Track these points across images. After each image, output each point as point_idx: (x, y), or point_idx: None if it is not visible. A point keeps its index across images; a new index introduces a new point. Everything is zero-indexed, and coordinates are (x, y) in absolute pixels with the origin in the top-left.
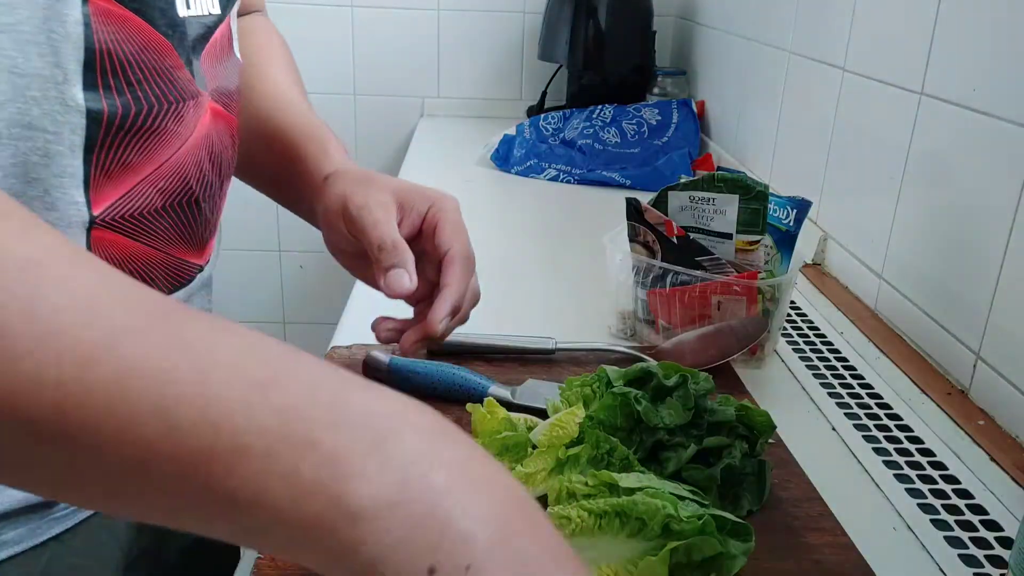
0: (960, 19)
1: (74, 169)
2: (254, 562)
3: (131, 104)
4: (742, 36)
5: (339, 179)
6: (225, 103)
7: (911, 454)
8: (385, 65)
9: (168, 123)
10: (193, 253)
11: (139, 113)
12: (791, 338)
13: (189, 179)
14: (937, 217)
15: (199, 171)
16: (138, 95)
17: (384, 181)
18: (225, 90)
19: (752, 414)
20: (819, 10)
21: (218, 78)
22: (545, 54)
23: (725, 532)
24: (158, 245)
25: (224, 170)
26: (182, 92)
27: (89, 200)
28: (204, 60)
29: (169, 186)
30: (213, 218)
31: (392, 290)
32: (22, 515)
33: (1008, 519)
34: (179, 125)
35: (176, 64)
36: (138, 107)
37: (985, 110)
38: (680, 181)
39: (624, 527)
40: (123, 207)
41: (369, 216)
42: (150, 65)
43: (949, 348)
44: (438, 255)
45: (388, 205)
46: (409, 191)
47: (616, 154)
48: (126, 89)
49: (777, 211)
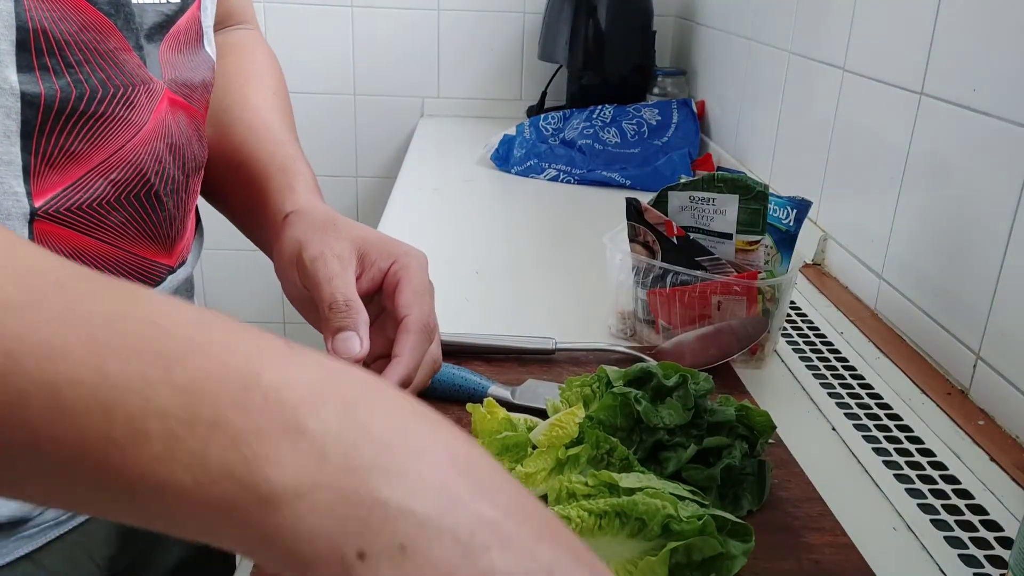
0: (960, 19)
1: (11, 156)
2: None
3: (71, 87)
4: (742, 36)
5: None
6: (186, 94)
7: (911, 454)
8: (385, 65)
9: (116, 109)
10: (159, 252)
11: (80, 97)
12: (791, 338)
13: (146, 171)
14: (937, 217)
15: (157, 163)
16: (79, 78)
17: (347, 229)
18: (187, 81)
19: (752, 414)
20: (819, 10)
21: (179, 68)
22: (545, 54)
23: (725, 532)
24: (114, 241)
25: (189, 164)
26: (130, 77)
27: (30, 190)
28: (164, 48)
29: (122, 177)
30: (180, 215)
31: (339, 354)
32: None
33: (1008, 519)
34: (130, 112)
35: (121, 47)
36: (79, 91)
37: (985, 110)
38: (680, 181)
39: (624, 527)
40: (69, 198)
41: (323, 269)
42: (91, 47)
43: (949, 348)
44: (397, 317)
45: (346, 258)
46: (372, 243)
47: (616, 154)
48: (65, 71)
49: (777, 211)
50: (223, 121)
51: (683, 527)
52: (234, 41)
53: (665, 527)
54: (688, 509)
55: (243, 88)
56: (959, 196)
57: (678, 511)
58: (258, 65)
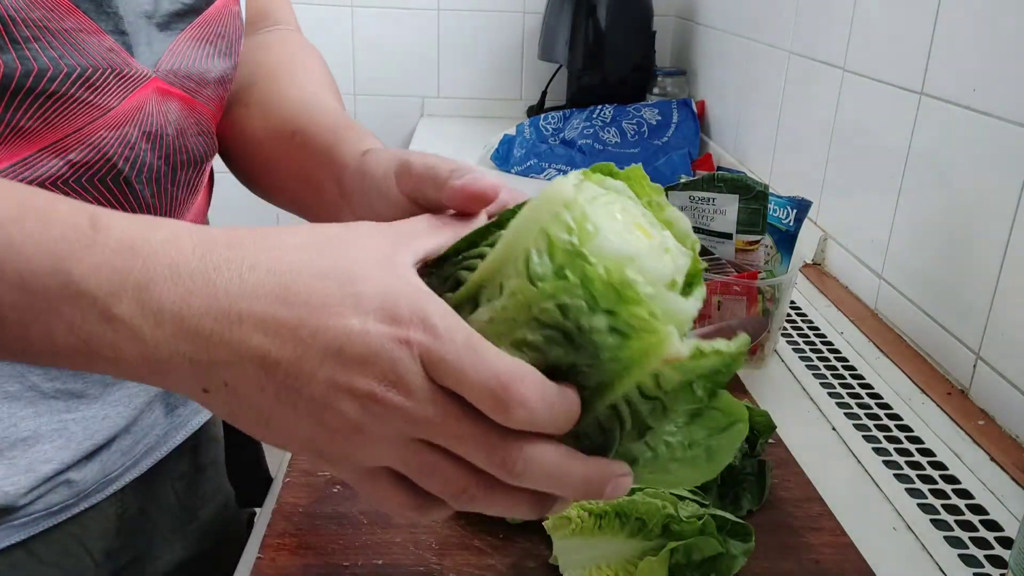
0: (960, 19)
1: None
2: (254, 562)
3: (15, 63)
4: (742, 36)
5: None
6: (189, 88)
7: (911, 454)
8: (385, 65)
9: (72, 90)
10: None
11: (27, 74)
12: (791, 338)
13: (111, 155)
14: (937, 217)
15: (126, 148)
16: (25, 55)
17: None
18: (195, 75)
19: (752, 414)
20: (819, 10)
21: (191, 60)
22: (545, 54)
23: (725, 532)
24: None
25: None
26: (92, 59)
27: None
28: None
29: (82, 159)
30: (164, 206)
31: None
32: None
33: (1008, 519)
34: (91, 94)
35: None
36: (25, 67)
37: (985, 110)
38: (680, 181)
39: (624, 527)
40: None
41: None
42: (40, 24)
43: (949, 348)
44: None
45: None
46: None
47: (616, 154)
48: (10, 47)
49: (777, 211)
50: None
51: (683, 527)
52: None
53: (665, 527)
54: (688, 509)
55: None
56: (959, 196)
57: (678, 511)
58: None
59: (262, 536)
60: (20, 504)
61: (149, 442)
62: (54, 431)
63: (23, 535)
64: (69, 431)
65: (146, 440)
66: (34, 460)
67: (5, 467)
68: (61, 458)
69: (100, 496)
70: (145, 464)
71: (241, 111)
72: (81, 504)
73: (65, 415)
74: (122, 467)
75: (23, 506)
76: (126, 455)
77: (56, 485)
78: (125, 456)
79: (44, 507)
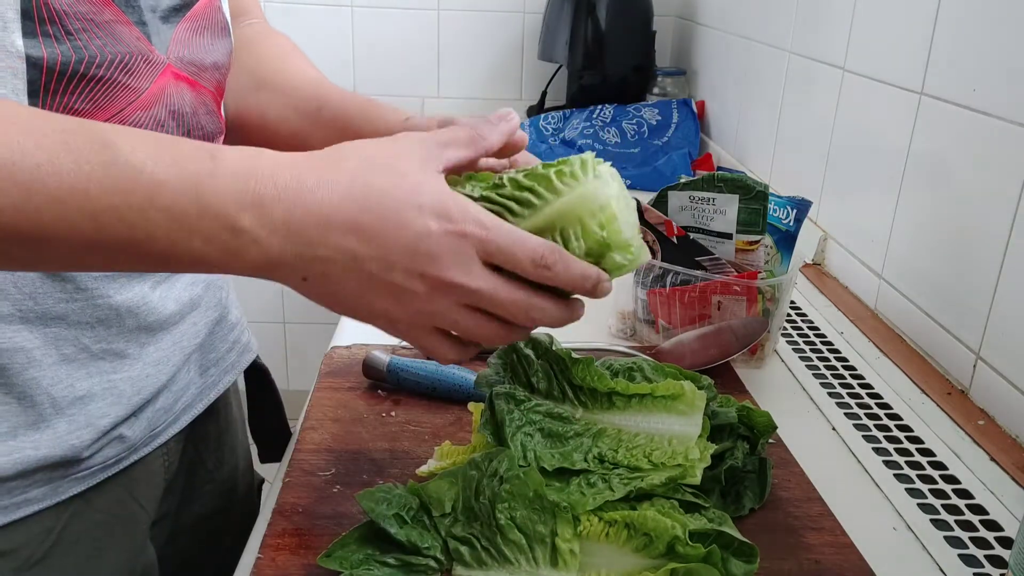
0: (960, 19)
1: None
2: (254, 562)
3: (71, 52)
4: (742, 36)
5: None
6: (193, 72)
7: (911, 454)
8: (385, 65)
9: (114, 74)
10: None
11: (80, 61)
12: (791, 338)
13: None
14: (937, 217)
15: (158, 126)
16: (78, 44)
17: None
18: (197, 61)
19: (753, 415)
20: (819, 10)
21: (192, 48)
22: (545, 54)
23: (730, 551)
24: None
25: (195, 133)
26: (127, 46)
27: None
28: (181, 29)
29: None
30: None
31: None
32: (43, 472)
33: (1008, 519)
34: (128, 77)
35: (118, 19)
36: (78, 55)
37: (985, 110)
38: (680, 181)
39: (630, 540)
40: None
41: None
42: (87, 17)
43: (949, 348)
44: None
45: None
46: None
47: (616, 154)
48: (65, 38)
49: (777, 211)
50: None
51: (688, 551)
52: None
53: (671, 547)
54: (697, 522)
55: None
56: (959, 196)
57: (686, 535)
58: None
59: (262, 536)
60: (83, 456)
61: (186, 400)
62: (105, 390)
63: (83, 487)
64: (118, 389)
65: (183, 399)
66: (92, 416)
67: (67, 423)
68: (115, 413)
69: (147, 450)
70: (184, 420)
71: (258, 97)
72: (132, 457)
73: (113, 375)
74: (165, 423)
75: (84, 459)
76: (168, 412)
77: (111, 440)
78: (167, 413)
79: (101, 460)
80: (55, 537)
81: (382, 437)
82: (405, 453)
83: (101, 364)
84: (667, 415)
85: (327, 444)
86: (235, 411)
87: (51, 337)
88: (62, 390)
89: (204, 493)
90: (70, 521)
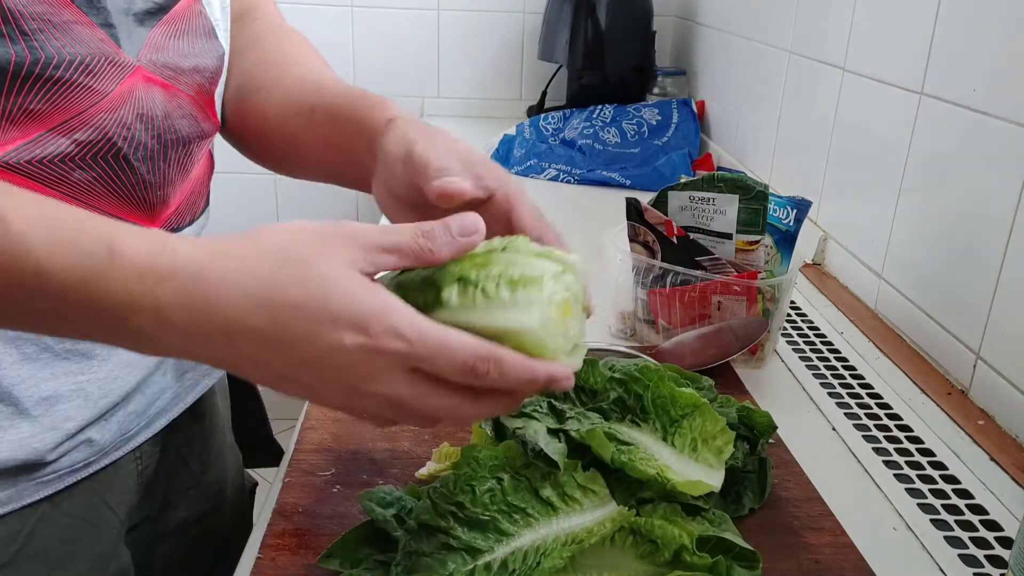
0: (960, 19)
1: None
2: (254, 562)
3: (26, 52)
4: (742, 36)
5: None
6: (168, 76)
7: (911, 454)
8: (385, 65)
9: (75, 75)
10: (138, 215)
11: (36, 62)
12: (791, 338)
13: (111, 135)
14: (937, 217)
15: (124, 128)
16: (33, 44)
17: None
18: (172, 64)
19: (753, 415)
20: (819, 10)
21: (167, 51)
22: (545, 54)
23: (731, 557)
24: (81, 197)
25: (167, 136)
26: (89, 47)
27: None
28: (156, 32)
29: (86, 138)
30: (159, 183)
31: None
32: (9, 476)
33: (1008, 519)
34: (91, 79)
35: (77, 20)
36: (34, 56)
37: (985, 110)
38: (680, 181)
39: (636, 546)
40: (30, 152)
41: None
42: (43, 18)
43: (949, 348)
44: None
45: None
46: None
47: (616, 154)
48: (20, 38)
49: (777, 211)
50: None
51: (694, 561)
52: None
53: (677, 555)
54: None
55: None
56: (959, 196)
57: (693, 545)
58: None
59: (262, 536)
60: (47, 460)
61: (161, 404)
62: (72, 391)
63: (50, 490)
64: (86, 391)
65: (158, 403)
66: (57, 419)
67: (31, 424)
68: (82, 416)
69: (118, 454)
70: (158, 424)
71: (256, 98)
72: (102, 461)
73: (80, 376)
74: (137, 427)
75: (50, 462)
76: (141, 416)
77: (78, 443)
78: (140, 417)
79: (69, 464)
80: (21, 541)
81: (382, 437)
82: (405, 453)
83: (67, 364)
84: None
85: (327, 444)
86: (222, 414)
87: (11, 336)
88: (26, 390)
89: (189, 497)
90: (37, 525)
